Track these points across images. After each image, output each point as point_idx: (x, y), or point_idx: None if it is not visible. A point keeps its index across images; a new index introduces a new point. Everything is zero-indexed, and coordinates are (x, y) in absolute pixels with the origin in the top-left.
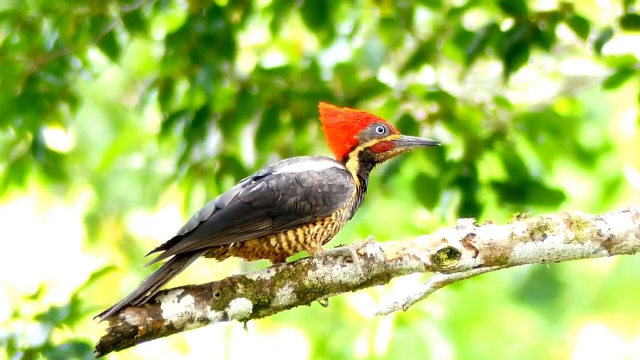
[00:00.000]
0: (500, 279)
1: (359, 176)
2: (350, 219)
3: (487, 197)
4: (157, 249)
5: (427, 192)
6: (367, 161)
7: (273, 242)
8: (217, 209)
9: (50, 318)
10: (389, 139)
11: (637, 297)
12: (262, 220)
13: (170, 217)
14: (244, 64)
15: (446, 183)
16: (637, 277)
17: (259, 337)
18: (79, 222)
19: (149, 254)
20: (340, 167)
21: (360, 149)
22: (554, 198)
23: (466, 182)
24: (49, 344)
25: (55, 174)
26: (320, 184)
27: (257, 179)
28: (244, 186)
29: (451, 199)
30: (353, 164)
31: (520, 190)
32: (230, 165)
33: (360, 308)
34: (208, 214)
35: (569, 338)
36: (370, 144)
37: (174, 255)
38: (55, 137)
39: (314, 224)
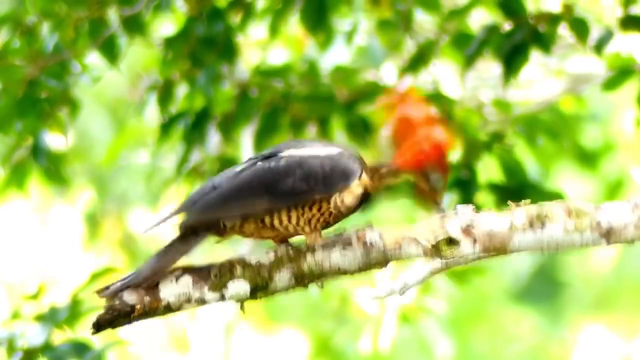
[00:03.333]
0: (501, 279)
1: (381, 186)
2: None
3: (486, 199)
4: (155, 225)
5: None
6: (397, 188)
7: (267, 221)
8: (214, 187)
9: (50, 318)
10: (435, 197)
11: (637, 297)
12: (259, 199)
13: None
14: (247, 61)
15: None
16: (638, 277)
17: (259, 337)
18: (80, 220)
19: (148, 230)
20: (349, 153)
21: (413, 179)
22: (552, 200)
23: (465, 184)
24: (48, 343)
25: (55, 177)
26: (321, 164)
27: (262, 159)
28: (245, 167)
29: (449, 201)
30: (390, 179)
31: (518, 193)
32: (230, 167)
33: (363, 305)
34: (207, 191)
35: (569, 338)
36: (423, 185)
37: (177, 235)
38: (56, 139)
39: (310, 208)
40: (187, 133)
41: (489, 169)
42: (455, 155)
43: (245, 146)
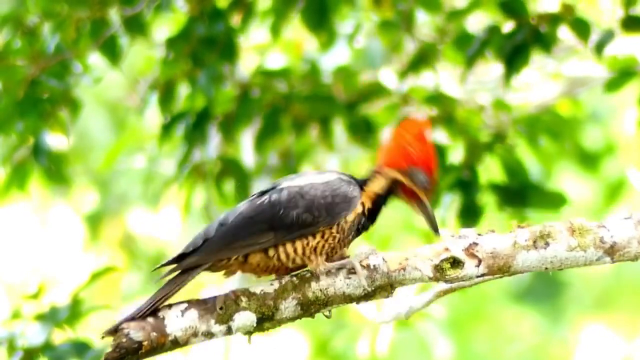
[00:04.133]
0: (501, 279)
1: (377, 196)
2: (356, 237)
3: (487, 200)
4: (163, 265)
5: None
6: (389, 192)
7: (271, 254)
8: (221, 225)
9: (51, 318)
10: (420, 194)
11: (638, 297)
12: (264, 233)
13: (171, 217)
14: (246, 64)
15: (446, 186)
16: (638, 278)
17: (259, 337)
18: (80, 220)
19: (155, 269)
20: (345, 177)
21: (397, 177)
22: (555, 201)
23: (466, 184)
24: (49, 343)
25: (56, 177)
26: (322, 194)
27: (262, 194)
28: (248, 201)
29: (451, 202)
30: (379, 183)
31: (520, 193)
32: (231, 167)
33: (362, 310)
34: (212, 230)
35: (570, 338)
36: (407, 183)
37: (178, 271)
38: (57, 139)
39: (314, 236)
40: (188, 133)
41: (490, 170)
42: (456, 156)
43: (246, 147)
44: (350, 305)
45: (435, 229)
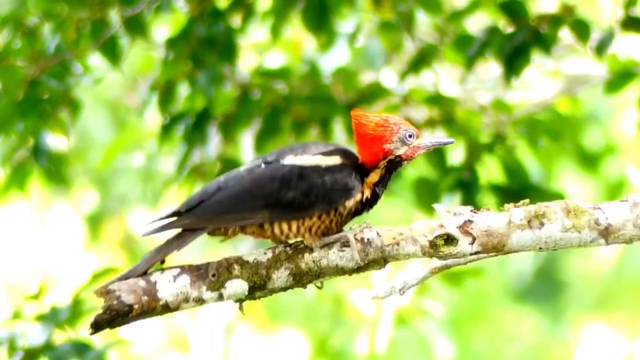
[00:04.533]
0: (501, 278)
1: (374, 186)
2: (351, 219)
3: (487, 201)
4: (155, 221)
5: (427, 195)
6: (394, 168)
7: (267, 229)
8: (219, 189)
9: (51, 318)
10: (416, 143)
11: (638, 296)
12: (259, 210)
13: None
14: (246, 64)
15: (446, 186)
16: (639, 277)
17: (259, 337)
18: (80, 220)
19: (147, 225)
20: (348, 161)
21: (391, 157)
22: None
23: (466, 185)
24: (49, 343)
25: (56, 177)
26: (323, 180)
27: (265, 163)
28: (250, 169)
29: (451, 202)
30: (376, 175)
31: (520, 194)
32: (230, 168)
33: (360, 306)
34: (210, 192)
35: (570, 337)
36: (401, 152)
37: (175, 233)
38: (57, 140)
39: (310, 218)
40: (187, 134)
41: (490, 171)
42: (456, 156)
43: (246, 147)
44: (349, 302)
45: (449, 142)
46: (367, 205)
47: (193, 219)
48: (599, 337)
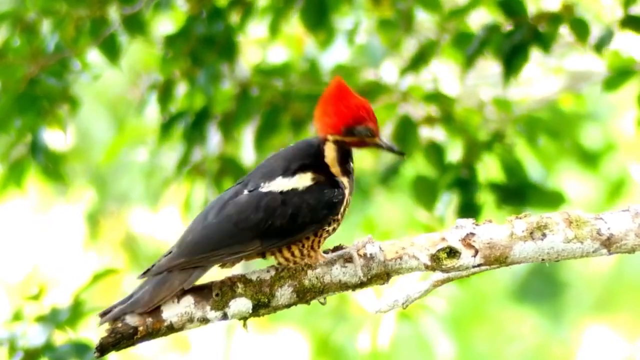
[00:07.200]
0: (500, 279)
1: (340, 164)
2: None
3: (486, 199)
4: (152, 267)
5: (425, 193)
6: (343, 149)
7: (269, 258)
8: (204, 225)
9: (52, 319)
10: (368, 140)
11: (639, 297)
12: (249, 241)
13: (172, 217)
14: (247, 59)
15: (445, 184)
16: (639, 277)
17: (259, 337)
18: (81, 220)
19: (142, 274)
20: (320, 176)
21: (337, 138)
22: (553, 200)
23: (465, 183)
24: (49, 344)
25: (54, 175)
26: (307, 204)
27: (246, 189)
28: (230, 198)
29: (450, 200)
30: (331, 153)
31: (518, 192)
32: (230, 166)
33: (362, 303)
34: (196, 228)
35: (571, 338)
36: (350, 139)
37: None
38: (55, 138)
39: (307, 238)
40: (187, 132)
41: (489, 169)
42: (455, 154)
43: (246, 145)
44: (351, 298)
45: (398, 153)
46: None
47: (185, 258)
48: (600, 338)
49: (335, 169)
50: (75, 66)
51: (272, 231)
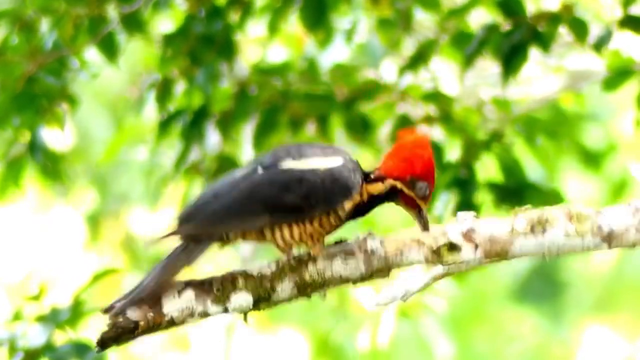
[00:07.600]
0: (500, 278)
1: (371, 196)
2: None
3: (484, 198)
4: (163, 237)
5: None
6: (388, 196)
7: (268, 235)
8: (216, 195)
9: (52, 319)
10: (419, 201)
11: (639, 297)
12: (259, 214)
13: (171, 216)
14: (246, 58)
15: (443, 184)
16: (639, 277)
17: (259, 336)
18: (81, 221)
19: (150, 243)
20: (350, 163)
21: (397, 185)
22: (552, 199)
23: (463, 183)
24: (50, 344)
25: (52, 174)
26: (322, 182)
27: (263, 168)
28: (245, 175)
29: (448, 200)
30: (379, 188)
31: (517, 192)
32: (228, 165)
33: (362, 301)
34: (208, 199)
35: (571, 338)
36: (408, 192)
37: (178, 244)
38: (54, 137)
39: (311, 222)
40: (185, 131)
41: (488, 168)
42: (454, 154)
43: (245, 144)
44: (351, 296)
45: (424, 229)
46: (361, 212)
47: (195, 226)
48: (600, 338)
49: (368, 190)
50: (74, 64)
51: (282, 207)
